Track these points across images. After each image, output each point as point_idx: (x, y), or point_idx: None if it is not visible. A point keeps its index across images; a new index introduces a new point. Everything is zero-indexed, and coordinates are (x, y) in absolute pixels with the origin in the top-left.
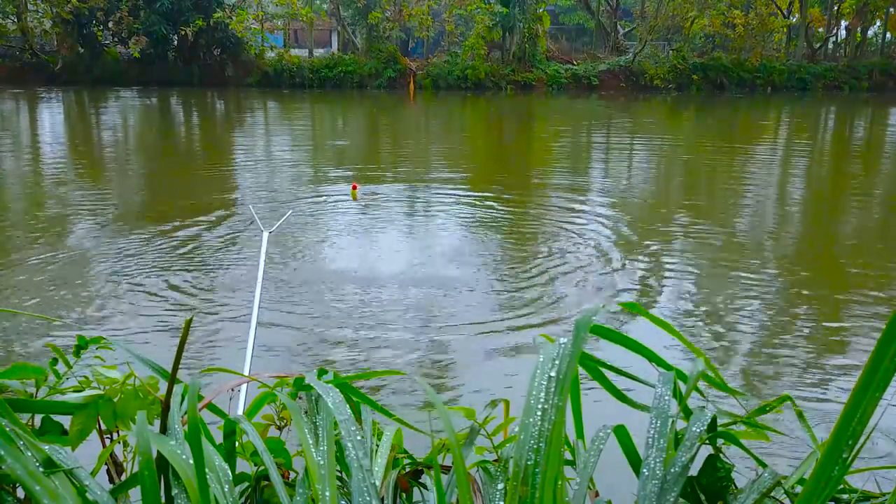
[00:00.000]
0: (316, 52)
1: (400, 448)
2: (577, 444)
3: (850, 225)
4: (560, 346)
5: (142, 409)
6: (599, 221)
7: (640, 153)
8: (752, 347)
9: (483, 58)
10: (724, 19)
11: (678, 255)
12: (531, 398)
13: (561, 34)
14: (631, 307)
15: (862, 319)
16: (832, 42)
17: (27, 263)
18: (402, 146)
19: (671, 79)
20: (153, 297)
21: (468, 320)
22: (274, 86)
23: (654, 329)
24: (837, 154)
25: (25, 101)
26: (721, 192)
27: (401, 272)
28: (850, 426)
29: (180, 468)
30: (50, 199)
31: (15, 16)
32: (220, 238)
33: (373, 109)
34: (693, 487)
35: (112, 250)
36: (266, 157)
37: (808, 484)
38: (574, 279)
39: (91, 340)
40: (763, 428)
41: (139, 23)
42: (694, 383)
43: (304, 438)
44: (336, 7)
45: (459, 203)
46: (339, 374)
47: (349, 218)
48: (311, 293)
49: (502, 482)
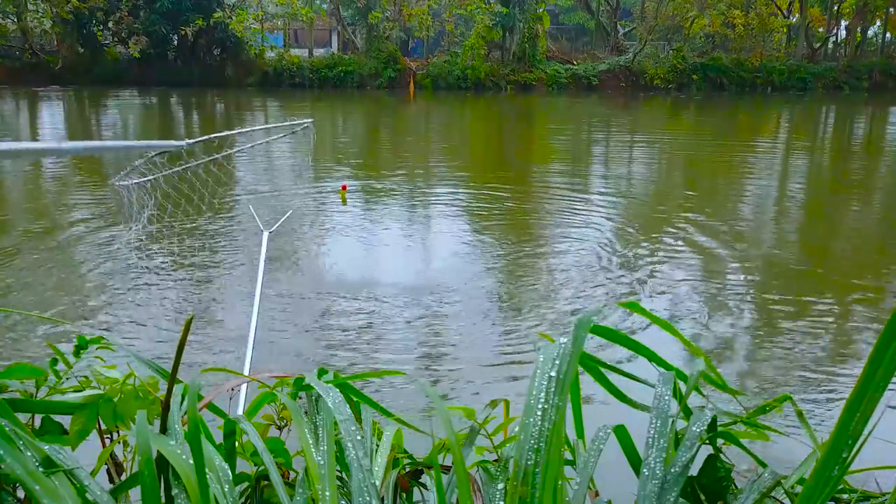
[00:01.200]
0: (316, 52)
1: (400, 448)
2: (577, 444)
3: (849, 225)
4: (560, 347)
5: (142, 409)
6: (600, 221)
7: (639, 153)
8: (752, 348)
9: (483, 58)
10: (724, 19)
11: (677, 253)
12: (531, 398)
13: (561, 34)
14: (631, 307)
15: (862, 319)
16: (832, 42)
17: (28, 262)
18: (402, 146)
19: (671, 79)
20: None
21: (467, 321)
22: (274, 86)
23: (655, 329)
24: (837, 153)
25: (25, 101)
26: (721, 192)
27: (401, 270)
28: (850, 426)
29: (180, 468)
30: (50, 198)
31: (15, 16)
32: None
33: (373, 109)
34: (693, 487)
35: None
36: (266, 156)
37: (809, 484)
38: (573, 278)
39: (91, 340)
40: (763, 428)
41: (139, 23)
42: (694, 383)
43: (304, 438)
44: (336, 7)
45: (458, 201)
46: (339, 373)
47: (350, 217)
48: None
49: (502, 482)
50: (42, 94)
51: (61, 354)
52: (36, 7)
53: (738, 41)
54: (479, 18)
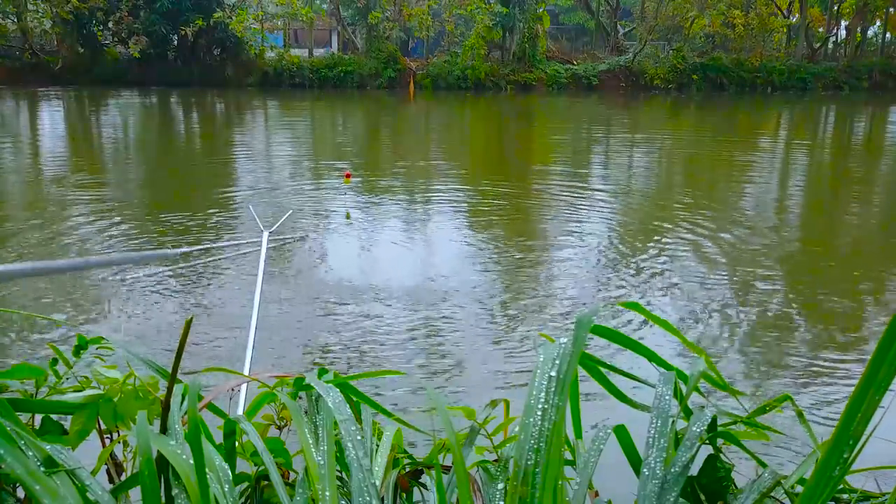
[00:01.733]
0: (316, 52)
1: (400, 448)
2: (576, 444)
3: (850, 224)
4: (560, 346)
5: (142, 409)
6: (600, 221)
7: (640, 152)
8: (753, 347)
9: (483, 58)
10: (724, 19)
11: (677, 252)
12: (531, 398)
13: (561, 34)
14: (631, 306)
15: (863, 319)
16: (832, 42)
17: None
18: (403, 146)
19: (671, 79)
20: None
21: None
22: (274, 86)
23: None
24: (837, 153)
25: (25, 101)
26: (721, 191)
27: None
28: (850, 426)
29: (180, 468)
30: (52, 196)
31: (15, 16)
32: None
33: (373, 109)
34: (693, 487)
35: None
36: (266, 156)
37: (809, 484)
38: (573, 277)
39: (91, 340)
40: (763, 428)
41: (139, 23)
42: (695, 383)
43: (304, 438)
44: (336, 7)
45: (457, 200)
46: (338, 374)
47: (350, 217)
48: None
49: (502, 482)
50: (42, 94)
51: (61, 354)
52: (36, 7)
53: (738, 41)
54: (479, 18)
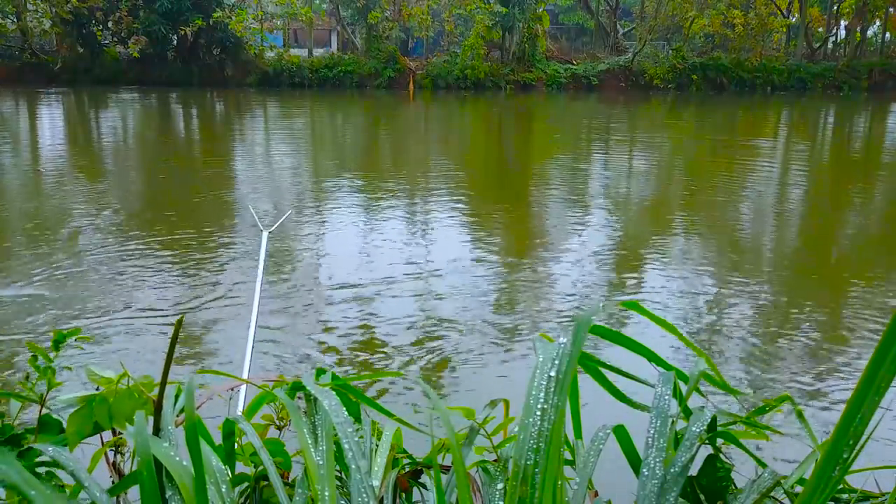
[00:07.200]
0: (315, 51)
1: (399, 448)
2: (576, 444)
3: (851, 224)
4: (560, 346)
5: (136, 409)
6: (600, 220)
7: (640, 152)
8: (753, 348)
9: (482, 57)
10: (724, 19)
11: (677, 252)
12: (531, 398)
13: (561, 34)
14: (631, 306)
15: (863, 319)
16: (832, 42)
17: (28, 264)
18: (402, 146)
19: (671, 79)
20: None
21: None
22: (273, 85)
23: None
24: (837, 152)
25: (25, 101)
26: (721, 190)
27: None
28: (850, 427)
29: (174, 471)
30: (54, 198)
31: (14, 16)
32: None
33: (373, 109)
34: (693, 487)
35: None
36: (266, 156)
37: (809, 484)
38: (573, 277)
39: (68, 333)
40: (763, 428)
41: (139, 23)
42: (695, 383)
43: (304, 439)
44: (336, 7)
45: (459, 201)
46: (336, 375)
47: (350, 217)
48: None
49: (502, 482)
50: (41, 93)
51: (42, 351)
52: (35, 7)
53: (738, 41)
54: (479, 18)
